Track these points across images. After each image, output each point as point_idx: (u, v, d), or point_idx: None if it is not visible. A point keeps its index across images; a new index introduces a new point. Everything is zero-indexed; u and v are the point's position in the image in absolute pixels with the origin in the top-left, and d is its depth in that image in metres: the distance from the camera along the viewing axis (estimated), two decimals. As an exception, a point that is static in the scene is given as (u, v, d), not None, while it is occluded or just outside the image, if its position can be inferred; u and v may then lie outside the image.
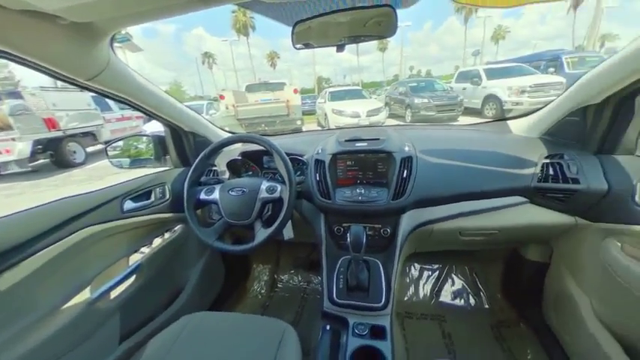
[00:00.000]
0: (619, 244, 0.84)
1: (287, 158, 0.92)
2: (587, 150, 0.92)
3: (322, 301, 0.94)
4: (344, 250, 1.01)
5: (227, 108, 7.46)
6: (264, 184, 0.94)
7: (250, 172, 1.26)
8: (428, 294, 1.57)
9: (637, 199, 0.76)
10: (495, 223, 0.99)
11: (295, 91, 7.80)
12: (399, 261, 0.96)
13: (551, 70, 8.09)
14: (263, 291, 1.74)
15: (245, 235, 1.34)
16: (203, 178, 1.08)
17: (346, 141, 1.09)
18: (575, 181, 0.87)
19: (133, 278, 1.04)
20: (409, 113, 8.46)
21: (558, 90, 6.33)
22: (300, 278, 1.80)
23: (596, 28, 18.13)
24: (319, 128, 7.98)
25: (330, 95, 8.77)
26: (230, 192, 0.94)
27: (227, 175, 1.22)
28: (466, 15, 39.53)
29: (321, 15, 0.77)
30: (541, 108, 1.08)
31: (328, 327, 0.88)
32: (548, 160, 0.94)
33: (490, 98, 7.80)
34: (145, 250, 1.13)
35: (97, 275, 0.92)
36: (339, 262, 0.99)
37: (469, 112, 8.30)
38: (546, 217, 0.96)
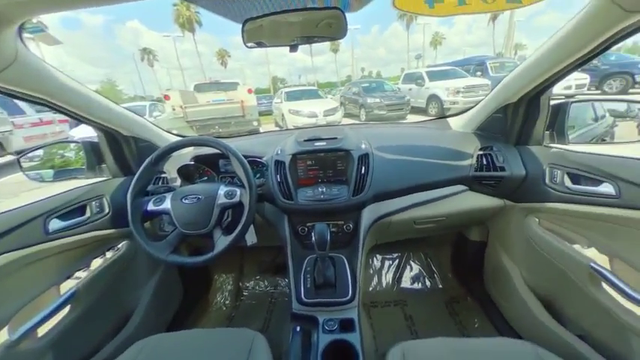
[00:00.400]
0: (537, 220, 1.01)
1: (245, 161, 0.89)
2: (509, 142, 1.08)
3: (291, 303, 0.94)
4: (309, 250, 1.02)
5: (174, 109, 6.86)
6: (222, 189, 0.89)
7: (205, 178, 1.18)
8: (390, 282, 1.68)
9: (547, 181, 0.93)
10: (443, 211, 1.10)
11: (250, 91, 7.55)
12: (362, 254, 1.01)
13: (479, 73, 9.33)
14: (227, 302, 1.65)
15: (204, 244, 1.26)
16: (151, 187, 0.98)
17: (305, 141, 1.09)
18: (502, 169, 1.02)
19: (67, 309, 0.89)
20: (364, 112, 8.87)
21: (485, 91, 7.31)
22: (266, 283, 1.75)
23: (511, 38, 21.44)
24: (277, 129, 7.87)
25: (286, 95, 8.71)
26: (183, 200, 0.87)
27: (178, 182, 1.13)
28: (407, 21, 42.93)
29: (272, 14, 0.76)
30: (473, 107, 1.24)
31: (298, 328, 0.88)
32: (481, 152, 1.09)
33: (433, 98, 8.62)
34: (82, 274, 0.98)
35: (17, 312, 0.76)
36: (305, 261, 0.99)
37: (416, 110, 9.06)
38: (482, 202, 1.11)
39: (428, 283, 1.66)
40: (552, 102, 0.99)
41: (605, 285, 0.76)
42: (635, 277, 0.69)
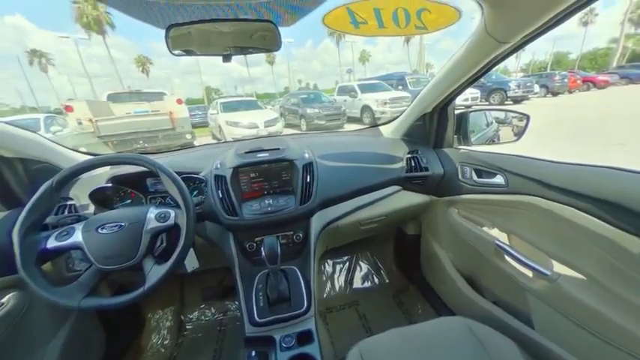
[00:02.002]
0: (456, 210, 1.20)
1: (178, 178, 0.79)
2: (429, 146, 1.27)
3: (243, 328, 0.87)
4: (259, 266, 0.97)
5: (80, 123, 5.69)
6: (152, 212, 0.77)
7: (129, 201, 1.02)
8: (342, 285, 1.72)
9: (459, 177, 1.12)
10: (383, 210, 1.20)
11: (179, 101, 6.87)
12: (314, 262, 1.01)
13: (400, 87, 10.72)
14: (167, 341, 1.43)
15: (131, 279, 1.07)
16: (51, 219, 0.79)
17: (246, 153, 1.05)
18: (426, 169, 1.20)
19: None
20: (304, 122, 9.09)
21: (407, 102, 8.41)
22: (213, 311, 1.59)
23: (423, 58, 25.39)
24: (214, 141, 7.37)
25: (222, 106, 8.27)
26: (99, 230, 0.72)
27: (92, 209, 0.94)
28: (337, 39, 46.40)
29: (200, 22, 0.72)
30: (399, 116, 1.41)
31: (253, 353, 0.82)
32: (409, 155, 1.24)
33: (366, 108, 9.45)
34: None
35: None
36: (256, 279, 0.94)
37: (351, 120, 9.75)
38: (414, 199, 1.26)
39: (376, 279, 1.77)
40: (456, 111, 1.21)
41: (507, 257, 0.95)
42: (526, 247, 0.88)
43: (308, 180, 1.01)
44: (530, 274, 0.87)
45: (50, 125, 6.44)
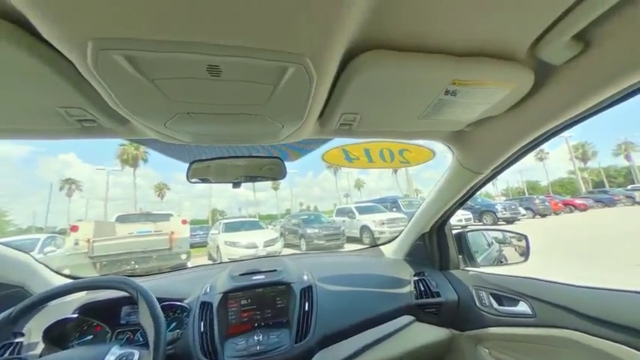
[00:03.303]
0: (487, 350, 0.97)
1: (158, 308, 0.68)
2: (435, 267, 1.20)
3: None
4: None
5: (76, 244, 5.60)
6: (113, 354, 0.63)
7: (90, 337, 0.85)
8: None
9: (477, 304, 0.99)
10: (399, 350, 0.98)
11: (184, 222, 7.11)
12: None
13: (394, 209, 11.44)
14: None
15: None
16: None
17: (241, 275, 0.98)
18: (438, 294, 1.06)
19: None
20: (304, 242, 9.04)
21: (404, 222, 8.72)
22: None
23: (411, 184, 28.69)
24: (209, 262, 7.03)
25: (224, 226, 8.48)
26: None
27: (40, 349, 0.77)
28: (334, 170, 54.30)
29: (220, 158, 0.86)
30: (398, 236, 1.41)
31: None
32: (416, 278, 1.14)
33: (364, 228, 9.68)
34: None
35: None
36: None
37: (351, 240, 9.76)
38: (432, 334, 1.05)
39: None
40: (454, 231, 1.23)
41: None
42: None
43: (306, 308, 0.89)
44: None
45: (46, 245, 6.36)
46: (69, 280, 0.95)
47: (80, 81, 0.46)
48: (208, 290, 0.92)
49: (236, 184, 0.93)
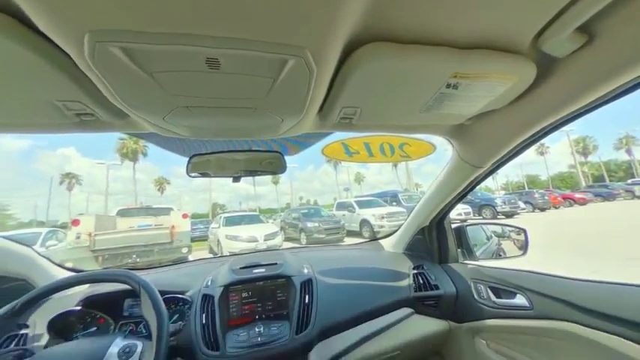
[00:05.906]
0: (485, 342, 0.99)
1: (160, 300, 0.69)
2: (434, 261, 1.21)
3: None
4: None
5: (78, 237, 5.64)
6: (116, 345, 0.64)
7: (94, 329, 0.86)
8: None
9: (475, 296, 1.00)
10: (396, 342, 0.99)
11: (185, 215, 7.13)
12: None
13: (394, 203, 11.47)
14: None
15: None
16: None
17: (241, 268, 0.99)
18: (437, 287, 1.08)
19: None
20: (304, 236, 9.10)
21: (403, 216, 8.76)
22: None
23: (411, 178, 28.69)
24: (210, 256, 7.09)
25: (225, 220, 8.52)
26: None
27: (44, 340, 0.78)
28: (334, 164, 54.23)
29: (219, 152, 0.86)
30: (397, 230, 1.42)
31: None
32: (415, 271, 1.15)
33: (364, 222, 9.72)
34: None
35: None
36: None
37: (351, 234, 9.82)
38: (430, 326, 1.07)
39: None
40: (453, 225, 1.24)
41: None
42: None
43: (307, 300, 0.91)
44: None
45: (48, 239, 6.41)
46: (71, 273, 0.96)
47: (78, 74, 0.45)
48: (210, 283, 0.93)
49: (236, 179, 0.93)
